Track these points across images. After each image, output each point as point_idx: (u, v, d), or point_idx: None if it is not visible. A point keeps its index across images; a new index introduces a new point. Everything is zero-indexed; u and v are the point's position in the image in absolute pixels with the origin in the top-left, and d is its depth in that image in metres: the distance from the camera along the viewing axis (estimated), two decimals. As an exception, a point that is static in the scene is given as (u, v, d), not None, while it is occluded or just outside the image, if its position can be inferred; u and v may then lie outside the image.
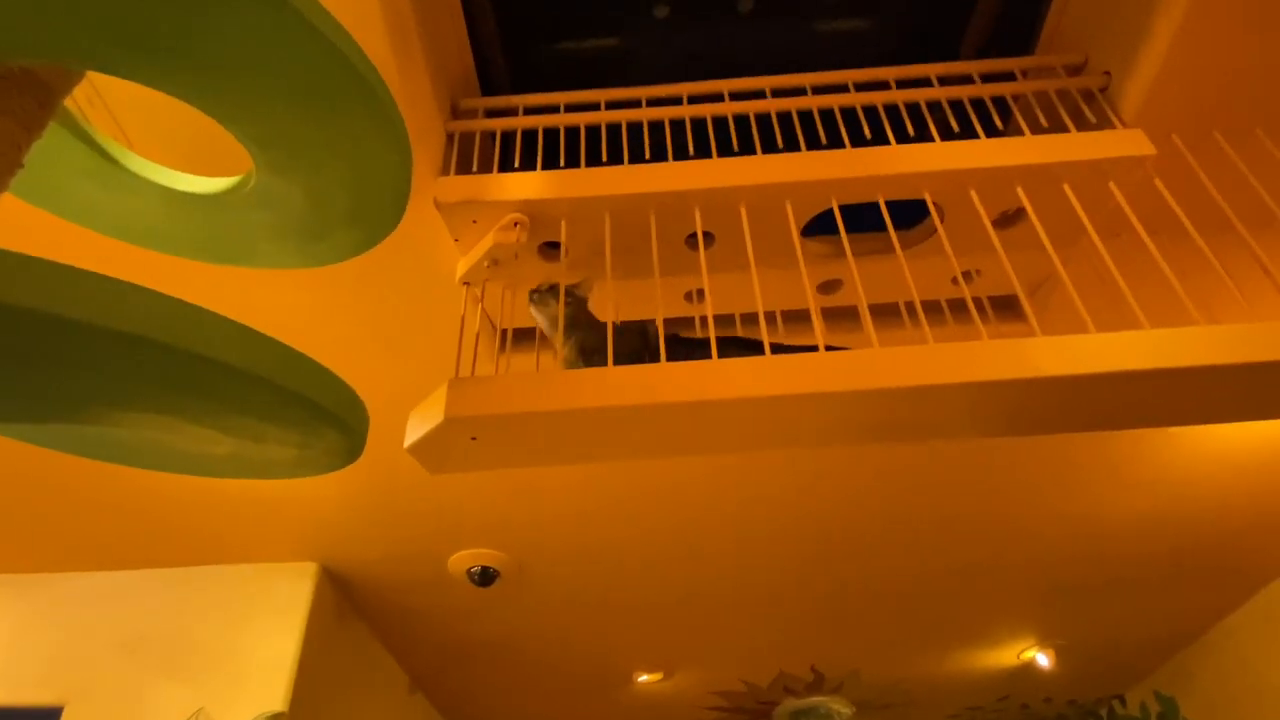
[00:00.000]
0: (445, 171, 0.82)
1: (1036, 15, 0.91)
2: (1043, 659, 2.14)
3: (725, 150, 0.83)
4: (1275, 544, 1.73)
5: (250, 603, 1.48)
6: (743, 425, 0.66)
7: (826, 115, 0.85)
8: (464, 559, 1.57)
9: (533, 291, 0.79)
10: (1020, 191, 0.75)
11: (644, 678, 2.20)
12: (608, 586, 1.75)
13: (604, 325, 0.74)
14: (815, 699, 2.41)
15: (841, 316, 0.93)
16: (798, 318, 0.95)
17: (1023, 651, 2.18)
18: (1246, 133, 0.82)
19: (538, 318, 0.80)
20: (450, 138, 0.84)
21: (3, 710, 1.38)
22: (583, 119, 0.84)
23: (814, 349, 0.66)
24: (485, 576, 1.59)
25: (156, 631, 1.45)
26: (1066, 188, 0.75)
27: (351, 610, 1.72)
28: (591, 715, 2.50)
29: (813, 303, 0.70)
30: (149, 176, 0.61)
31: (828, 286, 0.94)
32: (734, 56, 0.95)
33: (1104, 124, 0.81)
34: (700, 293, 0.92)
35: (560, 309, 0.73)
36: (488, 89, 0.95)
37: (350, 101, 0.48)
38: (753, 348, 0.73)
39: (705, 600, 1.84)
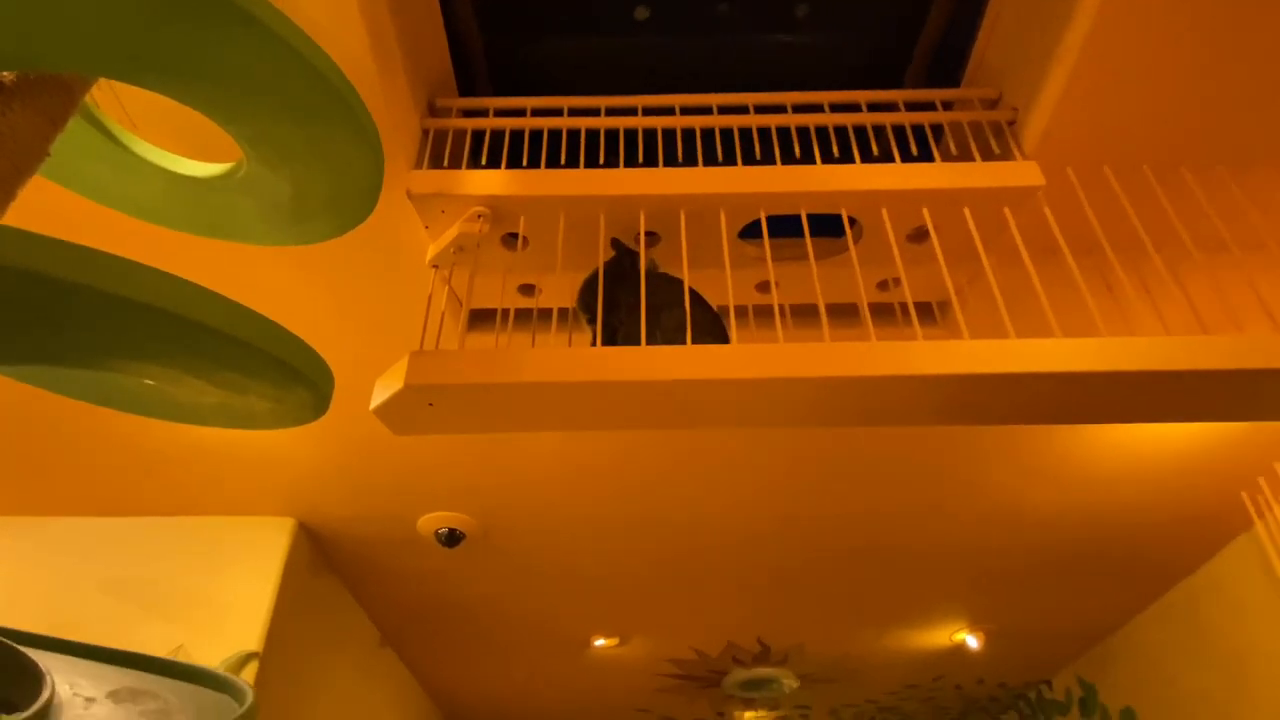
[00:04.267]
0: (419, 165, 0.91)
1: (967, 49, 1.01)
2: (972, 641, 2.30)
3: (672, 159, 0.92)
4: (1181, 546, 1.88)
5: (229, 552, 1.58)
6: (673, 406, 0.76)
7: (764, 133, 0.95)
8: (432, 521, 1.68)
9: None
10: (925, 213, 0.86)
11: (600, 642, 2.33)
12: (567, 553, 1.86)
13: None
14: (762, 670, 2.56)
15: (772, 314, 1.03)
16: (737, 313, 1.06)
17: (955, 633, 2.33)
18: (1134, 169, 0.92)
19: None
20: (425, 134, 0.93)
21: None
22: (547, 123, 0.93)
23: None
24: (452, 538, 1.70)
25: (140, 575, 1.55)
26: (967, 211, 0.85)
27: (325, 564, 1.83)
28: (551, 675, 2.64)
29: (732, 298, 0.80)
30: (152, 159, 0.70)
31: (764, 286, 1.04)
32: (709, 62, 1.03)
33: (1008, 156, 0.91)
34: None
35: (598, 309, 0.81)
36: (467, 87, 1.03)
37: (329, 113, 0.56)
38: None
39: (658, 572, 1.97)
